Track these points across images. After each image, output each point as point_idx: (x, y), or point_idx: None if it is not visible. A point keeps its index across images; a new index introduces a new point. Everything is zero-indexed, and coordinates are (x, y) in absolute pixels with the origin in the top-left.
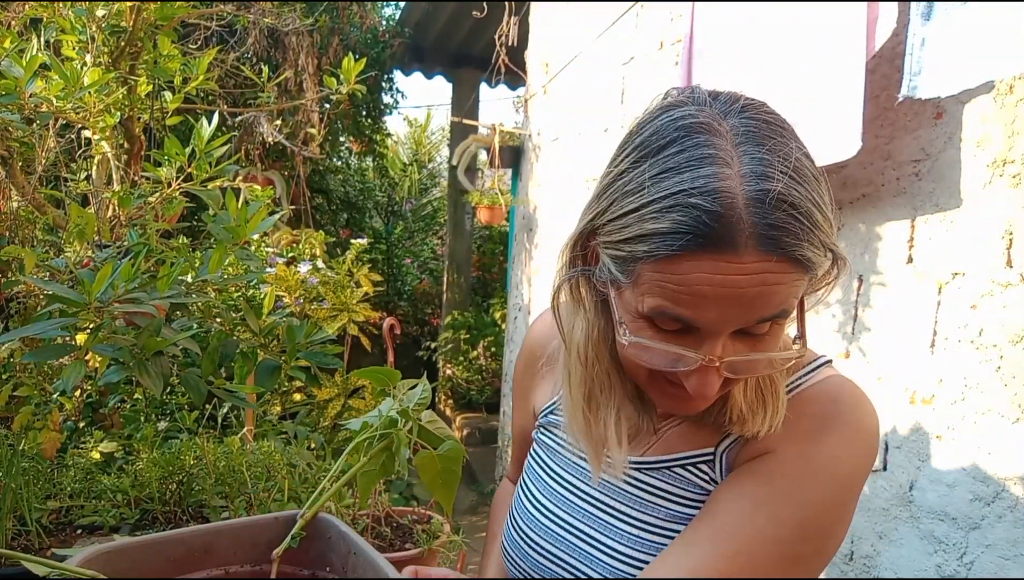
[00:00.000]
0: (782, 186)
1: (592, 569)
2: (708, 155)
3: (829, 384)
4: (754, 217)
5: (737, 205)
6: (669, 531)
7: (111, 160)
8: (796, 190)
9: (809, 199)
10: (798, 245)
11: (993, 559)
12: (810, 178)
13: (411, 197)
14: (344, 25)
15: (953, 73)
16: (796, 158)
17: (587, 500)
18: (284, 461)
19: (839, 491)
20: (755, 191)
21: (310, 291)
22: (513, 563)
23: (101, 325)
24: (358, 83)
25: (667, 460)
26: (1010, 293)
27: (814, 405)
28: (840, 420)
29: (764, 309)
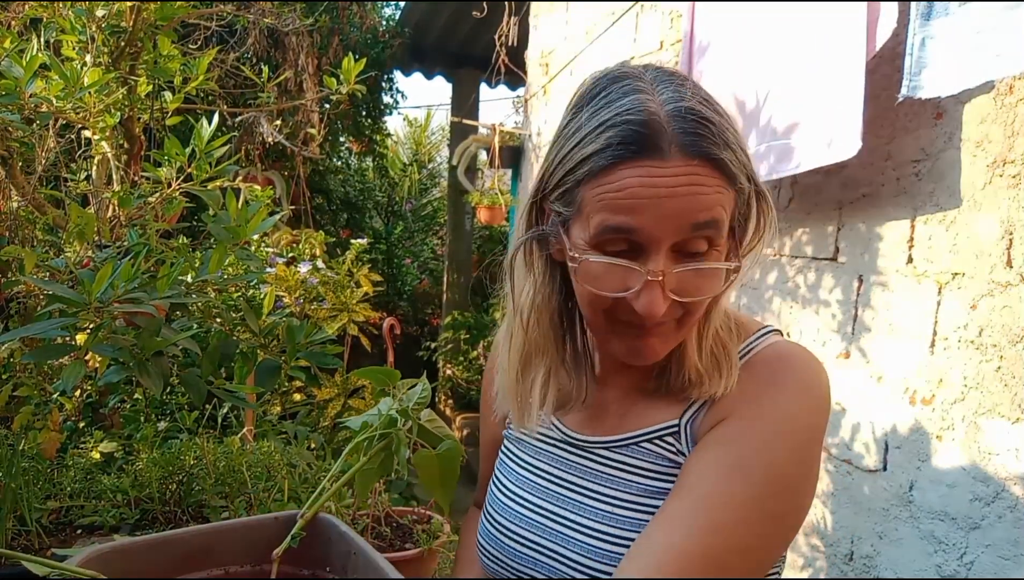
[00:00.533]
0: (695, 103)
1: (570, 549)
2: (633, 88)
3: (777, 347)
4: (675, 127)
5: (660, 119)
6: (642, 506)
7: (111, 160)
8: (708, 110)
9: (722, 120)
10: (715, 147)
11: (993, 559)
12: (722, 112)
13: (411, 197)
14: (344, 25)
15: (953, 73)
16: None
17: (559, 483)
18: (284, 461)
19: (801, 444)
20: (674, 108)
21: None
22: (491, 557)
23: (101, 325)
24: (358, 83)
25: (634, 436)
26: (1010, 293)
27: (763, 366)
28: (790, 377)
29: (695, 213)
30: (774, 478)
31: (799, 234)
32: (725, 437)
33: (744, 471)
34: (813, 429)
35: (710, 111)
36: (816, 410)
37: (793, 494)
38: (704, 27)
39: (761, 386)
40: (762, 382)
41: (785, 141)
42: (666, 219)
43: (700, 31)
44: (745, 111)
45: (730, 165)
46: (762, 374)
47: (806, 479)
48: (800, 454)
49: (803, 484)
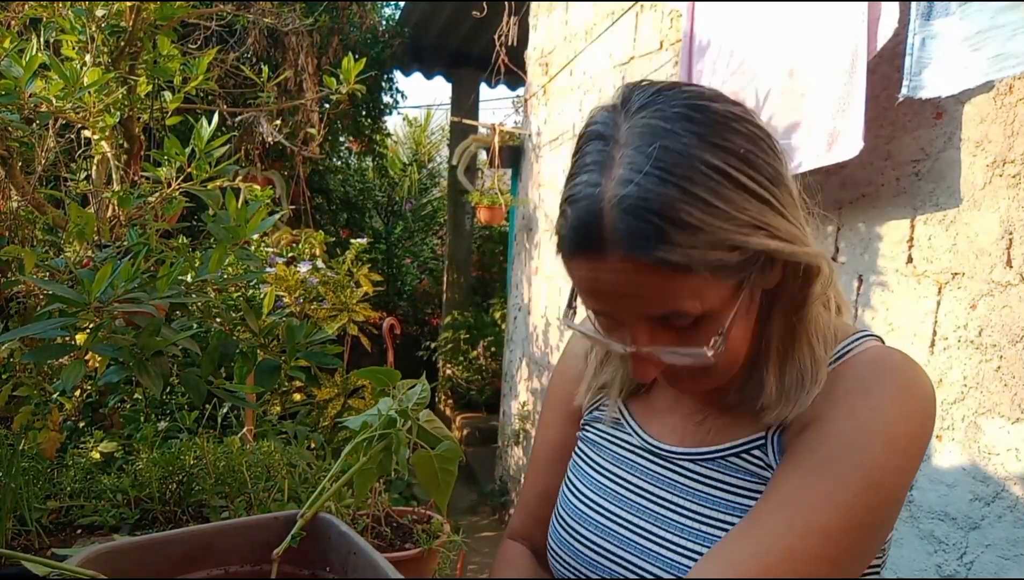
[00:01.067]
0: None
1: (653, 564)
2: (597, 158)
3: (873, 351)
4: (616, 222)
5: (604, 209)
6: (727, 523)
7: (111, 160)
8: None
9: (680, 199)
10: (656, 247)
11: (993, 559)
12: (697, 176)
13: (411, 197)
14: (344, 25)
15: (953, 73)
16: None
17: (639, 494)
18: (284, 461)
19: (898, 451)
20: (620, 196)
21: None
22: (562, 563)
23: (101, 325)
24: (358, 83)
25: (721, 450)
26: (1010, 293)
27: (856, 370)
28: (885, 379)
29: (647, 307)
30: (872, 483)
31: None
32: (812, 440)
33: (837, 471)
34: (912, 438)
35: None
36: (915, 418)
37: (887, 507)
38: (704, 27)
39: (853, 390)
40: (854, 386)
41: (785, 141)
42: (624, 308)
43: (700, 31)
44: None
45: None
46: (854, 378)
47: (900, 491)
48: (896, 461)
49: (898, 494)
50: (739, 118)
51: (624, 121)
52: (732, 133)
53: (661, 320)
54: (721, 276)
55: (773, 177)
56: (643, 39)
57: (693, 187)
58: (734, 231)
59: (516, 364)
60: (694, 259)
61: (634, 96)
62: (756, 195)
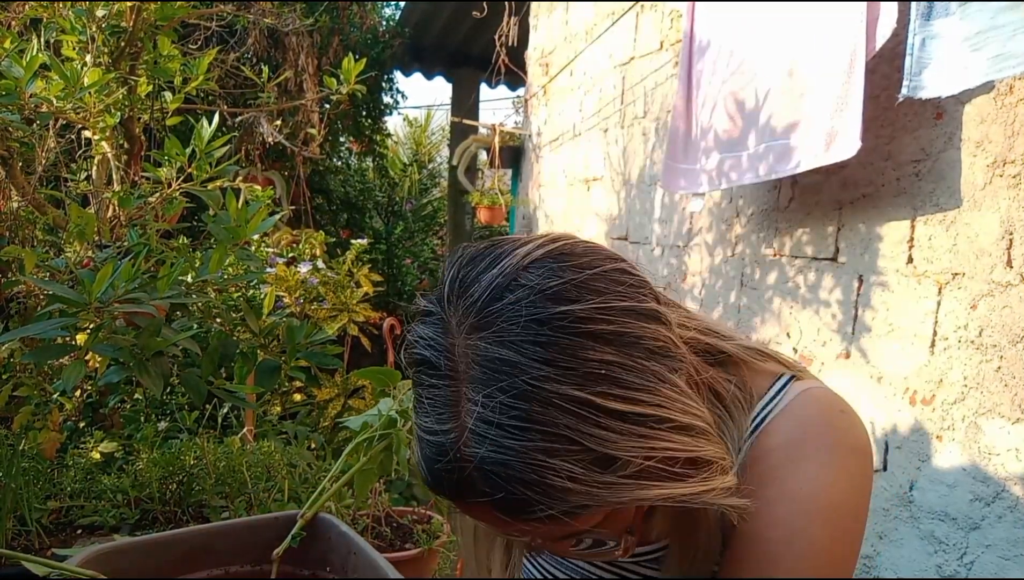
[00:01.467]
0: (502, 450)
1: None
2: (435, 399)
3: (794, 408)
4: (478, 484)
5: (462, 469)
6: None
7: (111, 160)
8: (523, 456)
9: (544, 464)
10: (527, 513)
11: (993, 559)
12: (560, 422)
13: (411, 197)
14: (344, 25)
15: (953, 73)
16: (541, 397)
17: None
18: (284, 461)
19: (841, 522)
20: (475, 457)
21: (310, 291)
22: None
23: (101, 325)
24: (358, 83)
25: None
26: (1010, 293)
27: (777, 438)
28: (811, 443)
29: (514, 534)
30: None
31: (799, 234)
32: (752, 531)
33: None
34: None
35: (528, 445)
36: (852, 477)
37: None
38: (704, 27)
39: (780, 466)
40: (780, 460)
41: (784, 141)
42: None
43: (700, 31)
44: (745, 110)
45: (553, 514)
46: (779, 449)
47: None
48: (840, 533)
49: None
50: (595, 316)
51: (459, 339)
52: (592, 345)
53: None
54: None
55: (648, 382)
56: (643, 39)
57: (555, 442)
58: (613, 485)
59: None
60: (571, 513)
61: (460, 302)
62: (633, 418)
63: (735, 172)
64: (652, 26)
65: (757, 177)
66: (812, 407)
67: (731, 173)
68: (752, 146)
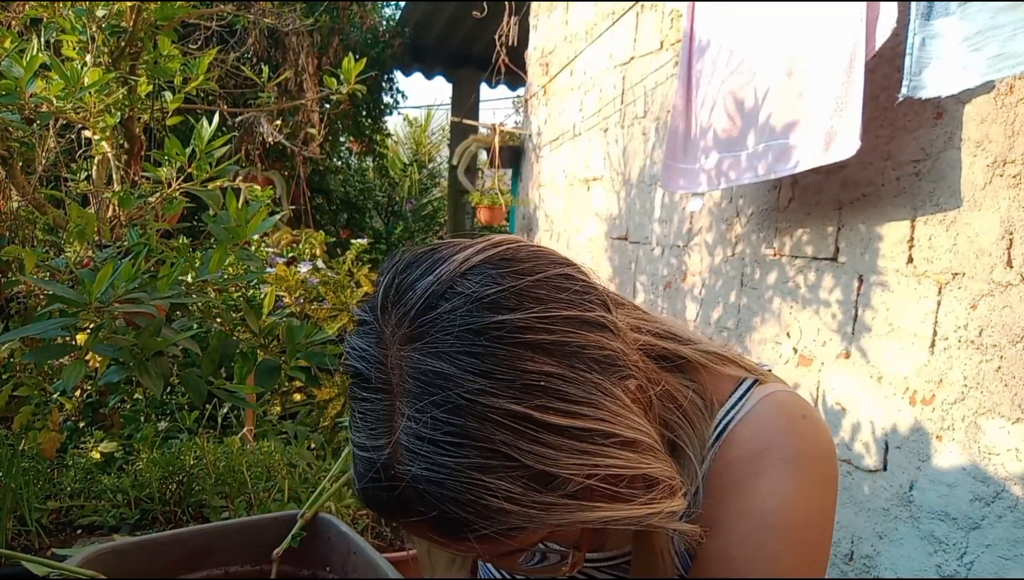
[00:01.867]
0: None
1: None
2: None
3: (755, 415)
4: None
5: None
6: None
7: (111, 160)
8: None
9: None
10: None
11: (993, 559)
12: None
13: (411, 197)
14: (344, 25)
15: (953, 73)
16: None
17: None
18: (284, 461)
19: (805, 535)
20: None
21: (310, 291)
22: None
23: (101, 325)
24: (358, 83)
25: (623, 554)
26: (1010, 293)
27: (737, 450)
28: (772, 453)
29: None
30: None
31: (799, 234)
32: (714, 548)
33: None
34: (818, 511)
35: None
36: (814, 488)
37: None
38: (704, 26)
39: (740, 478)
40: (740, 472)
41: (784, 140)
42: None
43: (700, 30)
44: (744, 110)
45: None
46: (739, 462)
47: (820, 564)
48: (805, 547)
49: (818, 570)
50: (535, 325)
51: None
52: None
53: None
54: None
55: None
56: (643, 39)
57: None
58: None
59: None
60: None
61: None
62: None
63: (734, 171)
64: (652, 26)
65: (756, 177)
66: (773, 413)
67: (730, 172)
68: (751, 146)
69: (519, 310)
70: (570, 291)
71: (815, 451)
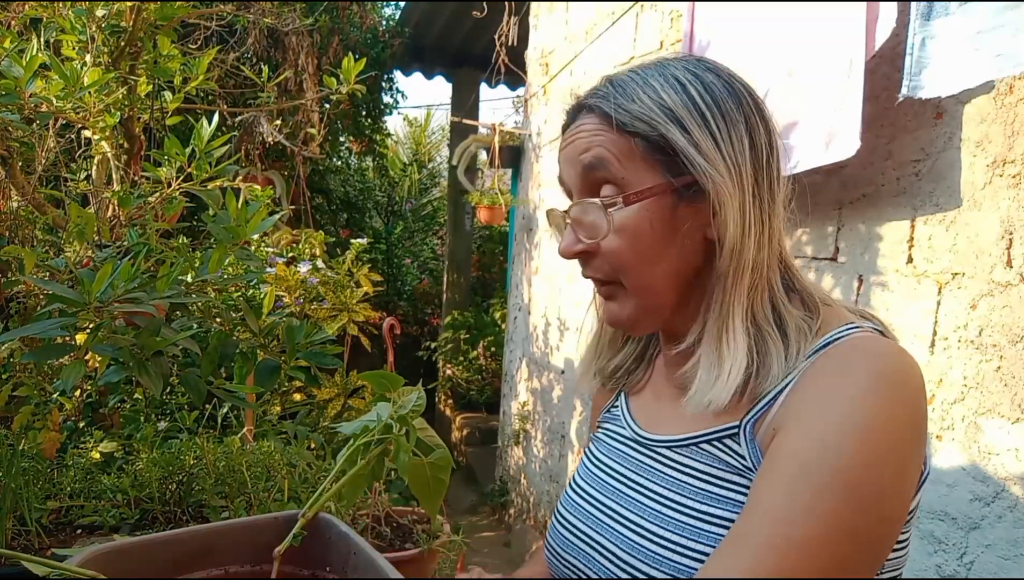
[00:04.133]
0: (625, 72)
1: (620, 548)
2: None
3: (852, 340)
4: (588, 93)
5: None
6: (695, 511)
7: (111, 160)
8: (629, 75)
9: (637, 82)
10: (600, 98)
11: (993, 559)
12: (671, 81)
13: (411, 197)
14: (344, 25)
15: (953, 73)
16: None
17: (623, 481)
18: (284, 461)
19: (877, 446)
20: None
21: (310, 291)
22: (553, 553)
23: (101, 325)
24: (358, 83)
25: (694, 437)
26: (1010, 293)
27: (830, 360)
28: (860, 367)
29: (579, 156)
30: (849, 484)
31: (799, 234)
32: (787, 443)
33: (811, 478)
34: (891, 429)
35: (635, 75)
36: (893, 406)
37: (877, 507)
38: (704, 27)
39: (825, 383)
40: (827, 378)
41: (784, 140)
42: (568, 165)
43: (700, 31)
44: None
45: (607, 109)
46: (828, 370)
47: (889, 491)
48: (876, 456)
49: (886, 495)
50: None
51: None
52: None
53: (590, 174)
54: (641, 151)
55: (726, 111)
56: (643, 39)
57: (654, 79)
58: (657, 111)
59: (516, 364)
60: (612, 114)
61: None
62: (696, 107)
63: None
64: (652, 26)
65: None
66: (874, 342)
67: None
68: None
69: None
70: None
71: (904, 379)
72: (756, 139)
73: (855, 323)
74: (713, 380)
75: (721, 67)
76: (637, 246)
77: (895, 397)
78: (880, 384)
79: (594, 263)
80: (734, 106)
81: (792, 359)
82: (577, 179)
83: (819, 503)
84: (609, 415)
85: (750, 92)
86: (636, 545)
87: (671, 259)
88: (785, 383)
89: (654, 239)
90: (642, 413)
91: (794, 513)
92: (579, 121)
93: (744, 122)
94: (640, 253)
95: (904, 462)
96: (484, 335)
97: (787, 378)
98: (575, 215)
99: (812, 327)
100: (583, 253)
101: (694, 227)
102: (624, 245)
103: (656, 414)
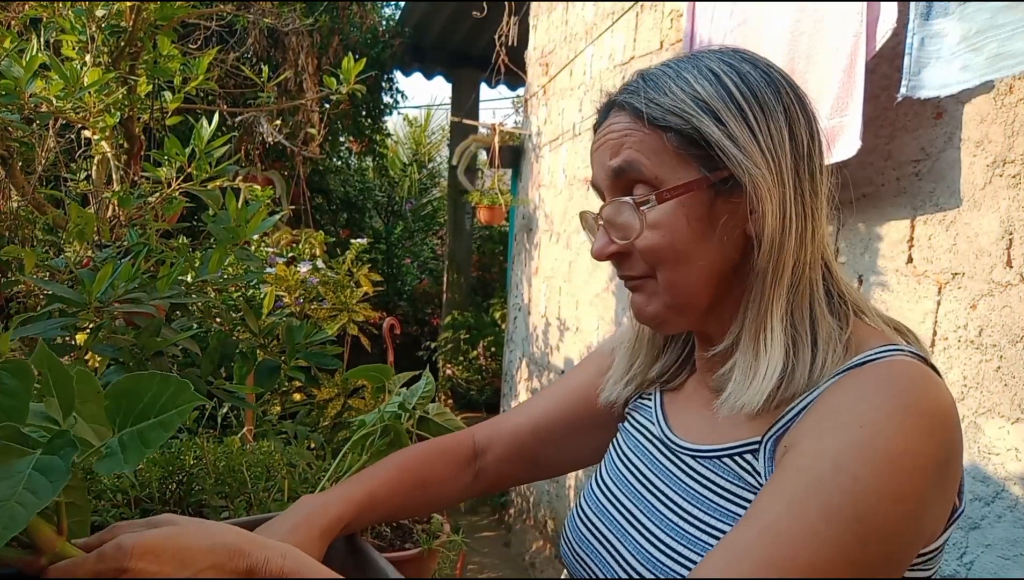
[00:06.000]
0: (658, 67)
1: (631, 553)
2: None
3: (885, 363)
4: (619, 90)
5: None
6: (708, 526)
7: (111, 160)
8: (661, 69)
9: (669, 75)
10: (631, 95)
11: (993, 559)
12: (704, 72)
13: (411, 197)
14: (344, 25)
15: (953, 73)
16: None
17: (645, 485)
18: (284, 461)
19: (893, 475)
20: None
21: (310, 291)
22: (571, 550)
23: (101, 325)
24: (358, 83)
25: (718, 450)
26: (1010, 293)
27: (857, 379)
28: (887, 391)
29: (610, 158)
30: (855, 514)
31: None
32: (801, 456)
33: (819, 501)
34: (920, 464)
35: (667, 68)
36: (916, 436)
37: (882, 541)
38: (704, 27)
39: (849, 402)
40: (850, 397)
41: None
42: (599, 168)
43: (700, 31)
44: None
45: (637, 105)
46: (853, 388)
47: (903, 526)
48: (891, 487)
49: (897, 531)
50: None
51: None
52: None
53: (620, 177)
54: (674, 145)
55: (764, 101)
56: (643, 39)
57: (687, 73)
58: (690, 104)
59: (516, 364)
60: (644, 110)
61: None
62: (732, 97)
63: None
64: (652, 26)
65: None
66: (908, 367)
67: None
68: None
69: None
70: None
71: (936, 413)
72: (796, 130)
73: (897, 345)
74: (749, 382)
75: (759, 57)
76: (673, 243)
77: (924, 430)
78: (908, 414)
79: (628, 262)
80: (772, 96)
81: (817, 370)
82: (608, 181)
83: (827, 528)
84: (640, 404)
85: (790, 82)
86: (648, 554)
87: (708, 256)
88: (811, 398)
89: (691, 236)
90: (674, 413)
91: (799, 533)
92: (609, 120)
93: (784, 113)
94: (677, 250)
95: (922, 502)
96: (484, 335)
97: (812, 391)
98: (607, 216)
99: (840, 339)
100: (616, 254)
101: (732, 223)
102: (660, 242)
103: (687, 417)
